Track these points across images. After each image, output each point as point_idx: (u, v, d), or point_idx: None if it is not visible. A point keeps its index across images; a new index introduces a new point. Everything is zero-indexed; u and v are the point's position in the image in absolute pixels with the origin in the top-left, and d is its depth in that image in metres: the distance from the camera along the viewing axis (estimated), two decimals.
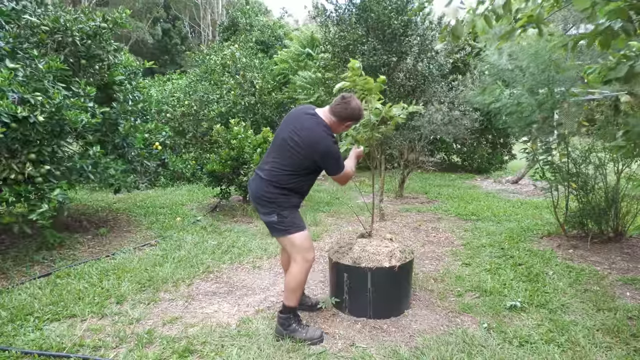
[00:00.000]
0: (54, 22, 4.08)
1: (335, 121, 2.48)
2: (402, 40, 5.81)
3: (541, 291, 3.21)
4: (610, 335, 2.56)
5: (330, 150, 2.41)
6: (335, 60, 6.32)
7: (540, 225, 5.18)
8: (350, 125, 2.60)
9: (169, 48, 30.40)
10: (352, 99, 2.47)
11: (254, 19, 17.23)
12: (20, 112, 3.26)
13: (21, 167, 3.47)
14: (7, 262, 3.80)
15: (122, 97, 4.75)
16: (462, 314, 2.90)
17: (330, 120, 2.48)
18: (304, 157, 2.42)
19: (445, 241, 4.69)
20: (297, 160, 2.43)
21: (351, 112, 2.45)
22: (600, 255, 4.02)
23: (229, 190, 6.10)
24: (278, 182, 2.44)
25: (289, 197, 2.48)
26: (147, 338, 2.55)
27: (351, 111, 2.45)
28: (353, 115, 2.47)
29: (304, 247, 2.48)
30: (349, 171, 2.57)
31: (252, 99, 7.67)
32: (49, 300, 3.06)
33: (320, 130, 2.41)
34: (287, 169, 2.45)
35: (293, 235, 2.46)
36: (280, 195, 2.45)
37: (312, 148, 2.40)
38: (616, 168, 4.22)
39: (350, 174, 2.60)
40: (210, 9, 32.15)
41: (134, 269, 3.72)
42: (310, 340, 2.47)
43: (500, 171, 10.72)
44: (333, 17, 6.23)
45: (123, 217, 5.69)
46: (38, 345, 2.46)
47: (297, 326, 2.53)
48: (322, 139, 2.39)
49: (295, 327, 2.52)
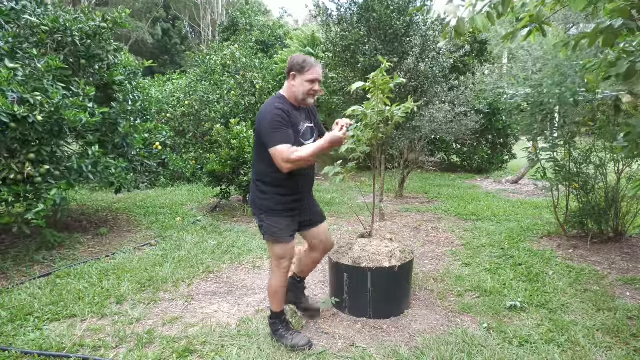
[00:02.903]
0: (54, 22, 4.08)
1: (288, 82, 2.35)
2: (403, 41, 5.81)
3: (541, 291, 3.21)
4: (610, 335, 2.56)
5: (264, 116, 2.25)
6: (337, 60, 6.30)
7: (540, 225, 5.17)
8: (303, 79, 2.30)
9: (169, 48, 30.40)
10: (297, 54, 2.40)
11: (254, 19, 17.23)
12: (19, 112, 3.26)
13: (20, 167, 3.47)
14: (7, 262, 3.80)
15: (122, 97, 4.75)
16: (462, 314, 2.90)
17: (286, 87, 2.38)
18: (258, 136, 2.33)
19: (445, 241, 4.69)
20: (258, 143, 2.35)
21: (291, 62, 2.32)
22: (600, 255, 4.02)
23: (229, 190, 6.09)
24: (258, 178, 2.39)
25: (267, 198, 2.35)
26: (147, 338, 2.55)
27: (291, 61, 2.33)
28: (293, 65, 2.31)
29: (277, 255, 2.40)
30: (299, 155, 2.17)
31: (252, 99, 7.66)
32: (49, 300, 3.06)
33: (268, 102, 2.34)
34: (257, 159, 2.38)
35: (269, 242, 2.40)
36: (260, 197, 2.37)
37: (258, 122, 2.32)
38: (616, 168, 4.21)
39: (298, 158, 2.17)
40: (210, 9, 32.13)
41: (134, 269, 3.72)
42: (295, 348, 2.40)
43: (500, 171, 10.72)
44: (334, 16, 6.21)
45: (123, 217, 5.69)
46: (38, 345, 2.46)
47: (284, 331, 2.48)
48: (264, 106, 2.31)
49: (282, 332, 2.48)
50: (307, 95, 2.33)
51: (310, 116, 2.51)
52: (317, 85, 2.31)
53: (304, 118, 2.43)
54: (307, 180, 2.49)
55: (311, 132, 2.45)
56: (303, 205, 2.48)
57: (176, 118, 8.31)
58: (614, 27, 1.94)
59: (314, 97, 2.37)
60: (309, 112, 2.50)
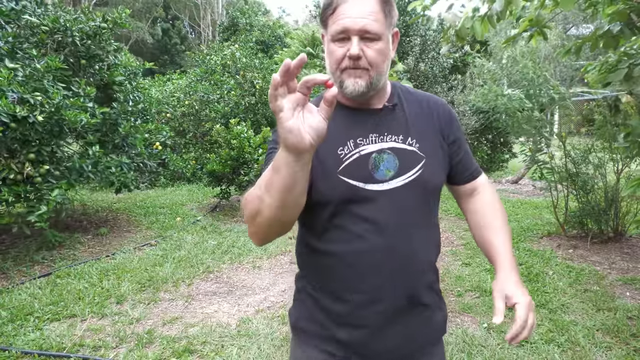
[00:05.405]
0: (54, 22, 4.08)
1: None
2: (403, 41, 5.82)
3: (541, 291, 3.21)
4: (610, 335, 2.56)
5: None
6: None
7: (540, 225, 5.17)
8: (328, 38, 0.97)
9: (169, 48, 30.39)
10: None
11: (254, 19, 17.23)
12: (19, 112, 3.26)
13: (20, 167, 3.47)
14: (7, 262, 3.80)
15: (122, 97, 4.75)
16: (462, 314, 2.90)
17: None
18: None
19: (445, 241, 4.69)
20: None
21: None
22: (600, 255, 4.02)
23: (229, 190, 6.09)
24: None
25: (296, 298, 1.13)
26: (147, 338, 2.55)
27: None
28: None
29: None
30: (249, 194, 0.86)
31: (252, 99, 7.67)
32: (49, 300, 3.06)
33: None
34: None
35: None
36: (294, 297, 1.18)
37: None
38: (616, 168, 4.22)
39: (244, 204, 0.89)
40: (210, 9, 32.14)
41: (134, 269, 3.72)
42: None
43: (501, 171, 10.71)
44: None
45: (123, 217, 5.69)
46: (38, 345, 2.46)
47: None
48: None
49: None
50: (341, 72, 0.93)
51: (407, 126, 1.01)
52: (355, 43, 0.89)
53: (375, 129, 0.99)
54: (379, 270, 0.96)
55: (395, 162, 0.97)
56: (363, 338, 0.98)
57: (176, 118, 8.31)
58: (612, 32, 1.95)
59: (359, 74, 0.92)
60: (402, 117, 1.02)
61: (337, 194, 0.92)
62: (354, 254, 0.94)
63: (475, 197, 1.15)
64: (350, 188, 0.93)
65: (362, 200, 0.93)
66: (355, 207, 0.93)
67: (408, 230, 0.96)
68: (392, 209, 0.94)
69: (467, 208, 1.15)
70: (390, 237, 0.93)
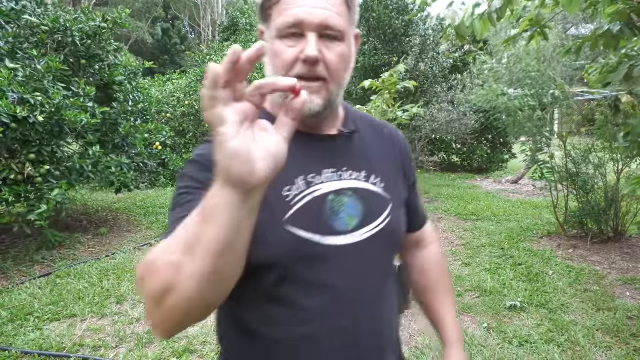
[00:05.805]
0: (54, 22, 4.08)
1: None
2: (402, 40, 5.82)
3: (541, 291, 3.21)
4: (610, 335, 2.56)
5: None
6: None
7: (540, 225, 5.17)
8: (272, 32, 0.71)
9: (169, 48, 30.40)
10: None
11: (254, 18, 17.24)
12: (19, 112, 3.26)
13: (21, 167, 3.47)
14: (7, 262, 3.80)
15: (123, 97, 4.75)
16: (462, 314, 2.90)
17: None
18: None
19: (445, 241, 4.69)
20: None
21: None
22: (600, 255, 4.02)
23: None
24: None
25: None
26: (147, 338, 2.55)
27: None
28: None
29: None
30: (153, 261, 0.55)
31: None
32: (49, 300, 3.06)
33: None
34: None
35: None
36: None
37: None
38: (616, 168, 4.22)
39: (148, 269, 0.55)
40: (210, 9, 32.14)
41: (134, 269, 3.72)
42: None
43: (501, 171, 10.72)
44: None
45: (123, 217, 5.69)
46: (38, 345, 2.46)
47: None
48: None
49: None
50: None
51: (368, 159, 0.79)
52: (312, 42, 0.65)
53: (330, 162, 0.74)
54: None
55: (358, 208, 0.74)
56: None
57: (176, 118, 8.32)
58: (613, 32, 1.95)
59: (315, 89, 0.68)
60: (360, 148, 0.80)
61: (284, 252, 0.66)
62: (307, 339, 0.68)
63: (422, 251, 0.98)
64: (302, 243, 0.67)
65: (317, 259, 0.68)
66: (308, 270, 0.68)
67: (374, 301, 0.74)
68: (356, 270, 0.71)
69: (413, 263, 0.98)
70: (353, 311, 0.70)
